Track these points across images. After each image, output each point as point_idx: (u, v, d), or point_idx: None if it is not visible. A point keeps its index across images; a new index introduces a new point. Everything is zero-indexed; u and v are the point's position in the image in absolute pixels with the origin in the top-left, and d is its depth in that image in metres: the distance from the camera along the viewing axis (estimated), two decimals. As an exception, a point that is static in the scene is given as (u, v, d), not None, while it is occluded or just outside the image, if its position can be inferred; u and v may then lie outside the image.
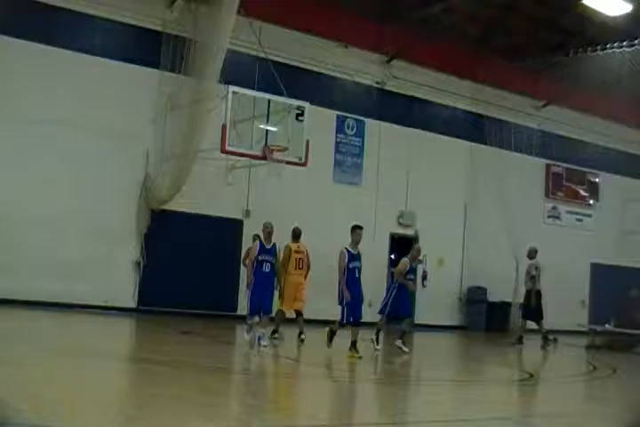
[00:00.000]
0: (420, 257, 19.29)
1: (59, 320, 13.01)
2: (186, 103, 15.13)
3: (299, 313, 12.66)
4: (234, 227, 16.81)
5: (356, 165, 18.93)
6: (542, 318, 15.98)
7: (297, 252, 12.77)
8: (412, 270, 12.55)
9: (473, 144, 20.65)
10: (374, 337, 11.95)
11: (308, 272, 12.87)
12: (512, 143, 20.21)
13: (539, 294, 16.00)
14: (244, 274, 16.98)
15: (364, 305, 11.24)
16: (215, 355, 10.32)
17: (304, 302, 12.73)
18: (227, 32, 13.87)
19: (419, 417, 6.53)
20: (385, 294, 12.48)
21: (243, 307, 16.88)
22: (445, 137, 20.33)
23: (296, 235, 13.06)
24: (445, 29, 18.47)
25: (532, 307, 15.84)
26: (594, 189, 23.88)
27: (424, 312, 19.28)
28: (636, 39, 17.70)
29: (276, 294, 12.14)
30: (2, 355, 7.62)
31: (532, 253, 16.20)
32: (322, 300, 17.43)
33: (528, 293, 15.97)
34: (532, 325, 20.01)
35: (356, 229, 11.01)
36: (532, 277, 15.86)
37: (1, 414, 4.78)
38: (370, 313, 18.36)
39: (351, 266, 10.77)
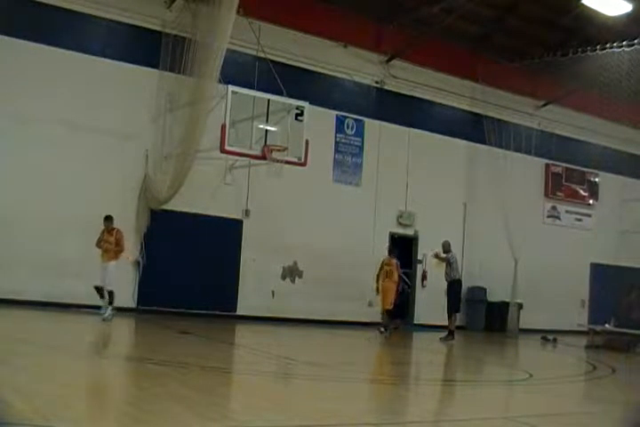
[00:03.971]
0: (420, 257, 19.43)
1: (58, 320, 13.00)
2: (185, 103, 15.13)
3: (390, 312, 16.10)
4: (233, 227, 16.81)
5: (356, 165, 18.93)
6: (458, 311, 16.07)
7: (387, 264, 16.03)
8: None
9: (472, 144, 20.65)
10: None
11: (398, 280, 16.00)
12: (511, 143, 20.19)
13: (459, 284, 16.07)
14: (245, 273, 17.14)
15: (363, 305, 11.16)
16: (215, 355, 10.31)
17: (392, 304, 15.84)
18: (226, 32, 13.86)
19: (418, 417, 6.53)
20: None
21: (242, 306, 16.97)
22: (445, 137, 20.33)
23: (389, 251, 16.61)
24: (445, 29, 18.45)
25: (452, 299, 15.84)
26: (593, 189, 23.88)
27: (423, 312, 19.33)
28: (635, 39, 17.69)
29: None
30: (1, 355, 7.62)
31: (447, 247, 16.22)
32: (319, 300, 17.53)
33: (450, 284, 15.92)
34: (531, 324, 20.11)
35: None
36: (451, 269, 15.88)
37: (1, 414, 4.78)
38: (370, 313, 18.46)
39: None
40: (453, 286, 15.95)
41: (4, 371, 6.63)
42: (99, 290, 13.25)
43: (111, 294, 13.26)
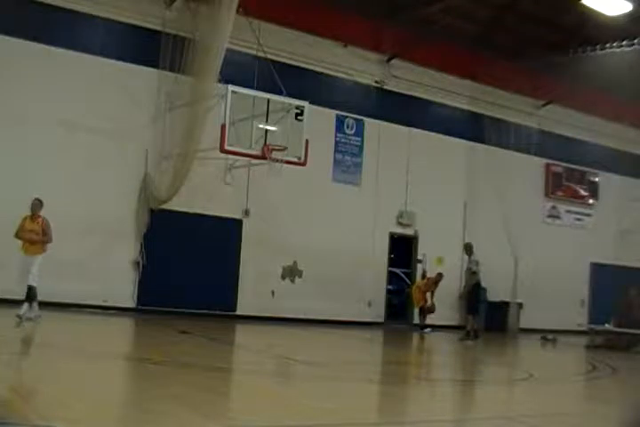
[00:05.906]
0: (420, 256, 19.45)
1: (58, 320, 12.99)
2: (185, 103, 15.13)
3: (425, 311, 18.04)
4: (233, 226, 16.81)
5: (356, 165, 18.92)
6: (477, 313, 16.06)
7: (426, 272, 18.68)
8: None
9: (472, 144, 20.63)
10: None
11: (427, 282, 18.02)
12: (512, 143, 20.19)
13: (479, 287, 16.05)
14: (245, 273, 17.13)
15: (364, 305, 11.16)
16: (215, 355, 10.31)
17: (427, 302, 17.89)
18: (226, 31, 13.86)
19: (419, 417, 6.53)
20: None
21: (242, 306, 16.97)
22: (445, 136, 20.32)
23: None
24: (445, 29, 18.45)
25: (472, 301, 15.79)
26: (593, 189, 23.88)
27: (424, 312, 19.32)
28: (635, 39, 17.71)
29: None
30: (1, 355, 7.62)
31: (470, 249, 16.12)
32: (319, 300, 17.52)
33: (471, 288, 15.87)
34: (531, 324, 20.10)
35: None
36: (474, 273, 15.78)
37: (1, 414, 4.78)
38: (370, 313, 18.47)
39: None
40: (473, 288, 15.89)
41: (4, 371, 6.62)
42: (31, 290, 11.73)
43: (33, 289, 11.78)
